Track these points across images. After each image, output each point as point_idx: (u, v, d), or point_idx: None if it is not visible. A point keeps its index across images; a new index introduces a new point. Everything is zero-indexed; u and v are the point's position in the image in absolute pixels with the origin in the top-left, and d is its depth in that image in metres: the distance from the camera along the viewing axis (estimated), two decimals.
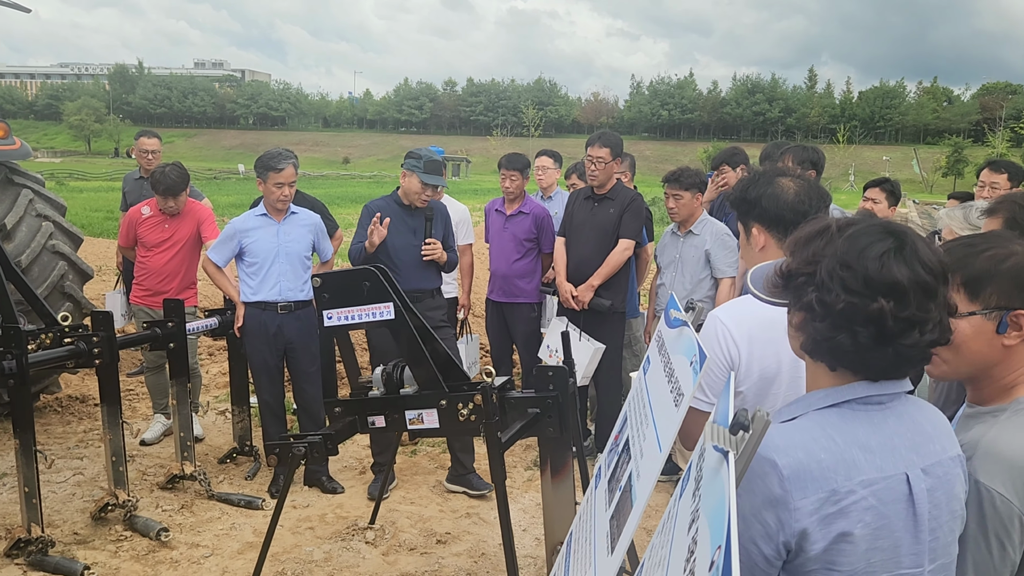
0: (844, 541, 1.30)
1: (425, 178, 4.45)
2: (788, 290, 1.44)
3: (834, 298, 1.33)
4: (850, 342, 1.33)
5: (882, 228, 1.38)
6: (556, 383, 3.27)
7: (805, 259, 1.41)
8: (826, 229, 1.42)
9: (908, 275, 1.31)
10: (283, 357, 4.72)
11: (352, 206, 29.07)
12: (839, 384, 1.41)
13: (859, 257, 1.33)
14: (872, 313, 1.30)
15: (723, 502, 0.89)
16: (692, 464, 1.33)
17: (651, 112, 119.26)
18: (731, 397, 1.23)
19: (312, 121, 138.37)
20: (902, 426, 1.40)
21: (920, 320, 1.32)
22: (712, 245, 4.55)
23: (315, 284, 3.52)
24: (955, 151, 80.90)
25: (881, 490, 1.33)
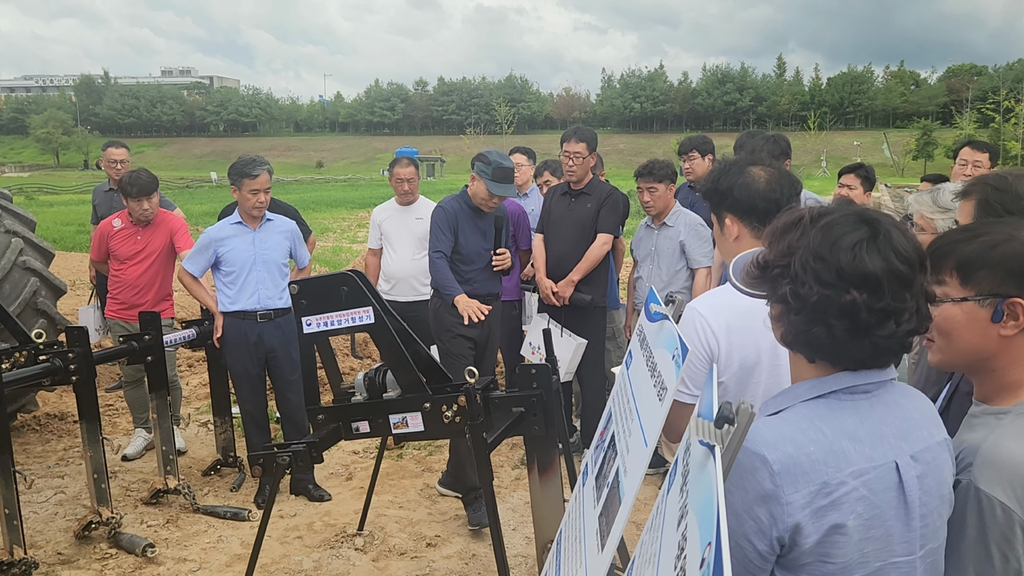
0: (837, 533, 1.30)
1: (492, 187, 4.31)
2: (765, 282, 1.43)
3: (807, 290, 1.32)
4: (826, 334, 1.33)
5: (856, 217, 1.37)
6: (540, 381, 3.26)
7: (780, 251, 1.40)
8: (800, 220, 1.41)
9: (882, 266, 1.30)
10: (264, 366, 4.68)
11: (328, 210, 28.97)
12: (822, 375, 1.40)
13: (832, 248, 1.32)
14: (845, 305, 1.30)
15: (711, 498, 0.89)
16: (678, 458, 1.33)
17: (623, 105, 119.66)
18: (714, 390, 1.23)
19: (283, 126, 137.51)
20: (889, 414, 1.39)
21: (896, 311, 1.31)
22: (687, 236, 4.57)
23: (293, 291, 3.49)
24: (924, 134, 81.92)
25: (872, 480, 1.33)
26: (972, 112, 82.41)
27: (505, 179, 4.31)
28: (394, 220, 5.67)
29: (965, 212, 2.27)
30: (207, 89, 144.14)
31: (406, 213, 5.63)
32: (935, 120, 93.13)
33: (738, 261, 1.66)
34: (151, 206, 4.99)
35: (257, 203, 4.49)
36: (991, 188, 2.21)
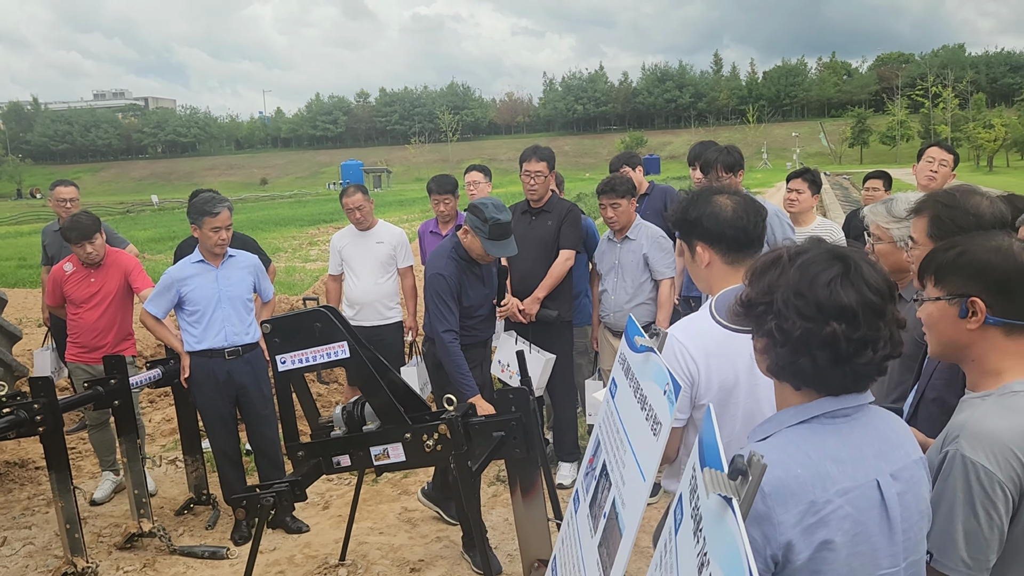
0: (827, 549, 1.38)
1: (490, 248, 4.03)
2: (749, 318, 1.53)
3: (791, 325, 1.43)
4: (810, 364, 1.43)
5: (829, 255, 1.49)
6: (518, 404, 3.32)
7: (762, 289, 1.50)
8: (779, 259, 1.52)
9: (856, 298, 1.42)
10: (235, 403, 4.64)
11: (277, 229, 28.57)
12: (805, 401, 1.50)
13: (810, 285, 1.44)
14: (827, 337, 1.41)
15: (737, 551, 0.94)
16: (683, 500, 1.39)
17: (566, 107, 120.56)
18: (717, 434, 1.29)
19: (224, 144, 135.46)
20: (868, 435, 1.49)
21: (872, 339, 1.42)
22: (649, 249, 4.66)
23: (265, 330, 3.49)
24: (859, 122, 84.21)
25: (856, 498, 1.42)
26: (903, 99, 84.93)
27: (503, 236, 4.02)
28: (354, 246, 5.66)
29: (919, 228, 2.38)
30: (142, 111, 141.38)
31: (366, 238, 5.63)
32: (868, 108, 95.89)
33: (721, 298, 1.75)
34: (95, 248, 4.88)
35: (219, 240, 4.46)
36: (941, 205, 2.33)
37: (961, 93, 78.80)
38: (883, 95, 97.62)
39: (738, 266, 2.23)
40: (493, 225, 3.98)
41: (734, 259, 2.24)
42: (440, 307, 4.07)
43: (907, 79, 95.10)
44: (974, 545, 1.61)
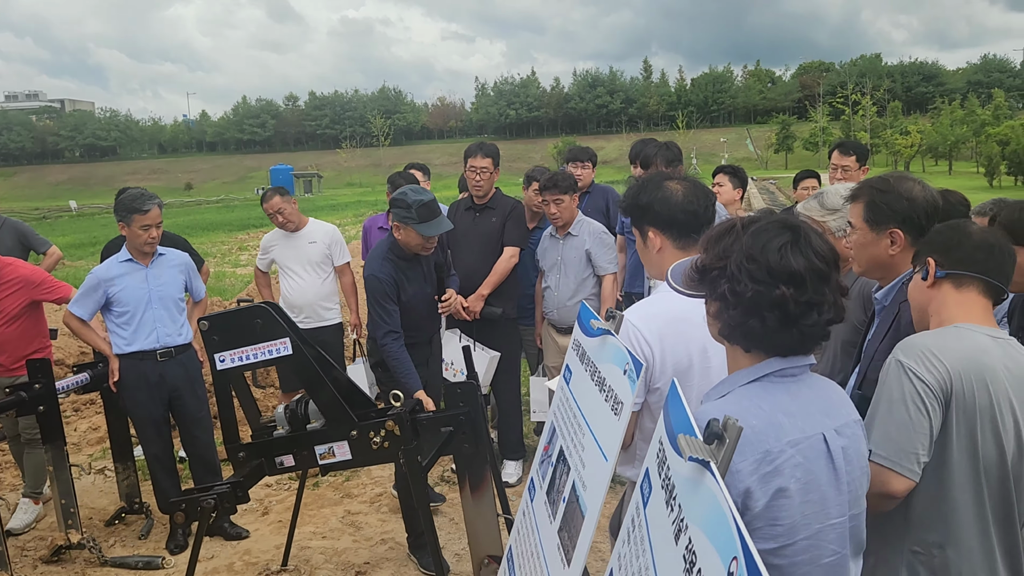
0: (782, 496, 1.46)
1: (424, 230, 3.85)
2: (704, 283, 1.62)
3: (743, 287, 1.52)
4: (759, 326, 1.52)
5: (781, 224, 1.58)
6: (467, 399, 3.29)
7: (716, 254, 1.59)
8: (733, 227, 1.61)
9: (804, 264, 1.51)
10: (168, 406, 4.48)
11: (204, 235, 27.82)
12: (756, 363, 1.60)
13: (762, 250, 1.53)
14: (776, 299, 1.50)
15: (721, 513, 0.94)
16: (650, 474, 1.38)
17: (498, 112, 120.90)
18: (685, 405, 1.29)
19: (146, 148, 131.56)
20: (813, 394, 1.60)
21: (817, 303, 1.52)
22: (592, 245, 4.68)
23: (203, 327, 3.37)
24: (783, 128, 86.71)
25: (805, 448, 1.50)
26: (824, 106, 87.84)
27: (432, 214, 3.88)
28: (285, 247, 5.51)
29: (856, 213, 2.46)
30: (59, 113, 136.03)
31: (296, 239, 5.49)
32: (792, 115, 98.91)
33: (676, 267, 1.82)
34: None
35: (149, 239, 4.29)
36: (876, 190, 2.42)
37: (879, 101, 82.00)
38: (806, 102, 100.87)
39: (689, 250, 2.25)
40: (419, 208, 3.83)
41: (685, 243, 2.27)
42: (379, 310, 3.95)
43: (828, 87, 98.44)
44: (905, 437, 1.85)
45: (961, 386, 1.84)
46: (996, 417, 1.85)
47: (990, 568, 1.88)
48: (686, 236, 2.28)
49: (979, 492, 1.87)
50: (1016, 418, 1.87)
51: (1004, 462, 1.87)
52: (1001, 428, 1.85)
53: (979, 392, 1.84)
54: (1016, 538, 1.93)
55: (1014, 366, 1.90)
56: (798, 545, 1.47)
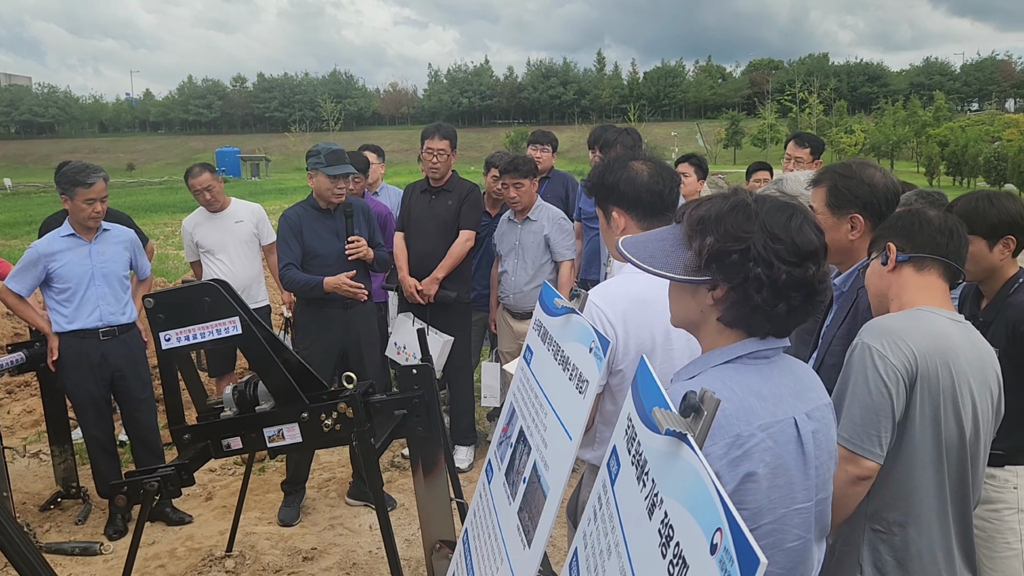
0: (750, 481, 1.41)
1: (331, 171, 4.19)
2: (720, 268, 1.45)
3: (776, 271, 1.42)
4: (786, 308, 1.45)
5: (782, 200, 1.51)
6: (421, 382, 3.22)
7: (729, 235, 1.44)
8: (740, 205, 1.47)
9: (817, 240, 1.47)
10: (110, 387, 4.32)
11: (147, 216, 27.11)
12: (731, 343, 1.52)
13: (785, 229, 1.44)
14: (806, 279, 1.44)
15: (702, 484, 0.91)
16: (618, 451, 1.36)
17: (451, 100, 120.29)
18: (656, 379, 1.27)
19: (87, 127, 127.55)
20: (785, 377, 1.54)
21: (824, 277, 1.48)
22: (550, 230, 4.66)
23: (148, 305, 3.24)
24: (732, 124, 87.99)
25: (776, 432, 1.46)
26: (773, 103, 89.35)
27: (340, 160, 4.24)
28: (209, 229, 5.37)
29: (818, 198, 2.48)
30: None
31: (221, 219, 5.36)
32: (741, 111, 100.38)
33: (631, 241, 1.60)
34: None
35: (93, 213, 4.13)
36: (838, 175, 2.45)
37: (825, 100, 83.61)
38: (755, 99, 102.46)
39: None
40: (328, 153, 4.23)
41: (649, 224, 2.24)
42: (281, 245, 4.29)
43: (776, 85, 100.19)
44: (869, 419, 1.86)
45: (926, 368, 1.86)
46: (958, 398, 1.88)
47: (946, 546, 1.91)
48: (651, 217, 2.25)
49: (940, 472, 1.90)
50: (974, 399, 1.90)
51: (963, 443, 1.90)
52: (962, 409, 1.88)
53: (942, 374, 1.86)
54: (969, 517, 1.97)
55: (972, 349, 1.93)
56: (762, 530, 1.44)
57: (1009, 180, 30.22)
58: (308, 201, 4.39)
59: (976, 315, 2.66)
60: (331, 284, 4.15)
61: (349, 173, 4.32)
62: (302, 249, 4.26)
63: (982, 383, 1.92)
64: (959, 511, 1.93)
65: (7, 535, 2.13)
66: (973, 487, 1.94)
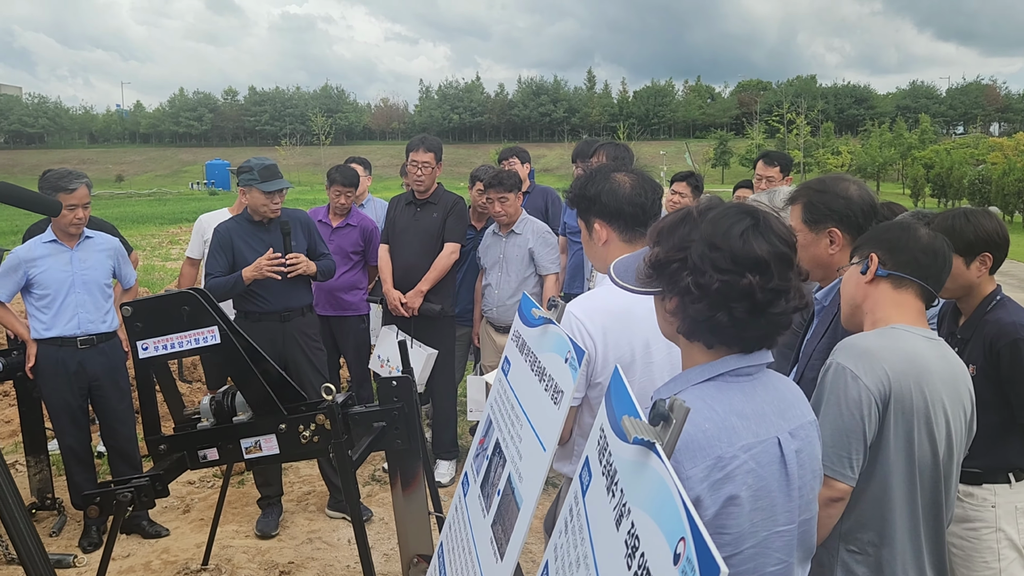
0: (732, 504, 1.38)
1: (265, 187, 4.17)
2: (661, 278, 1.50)
3: (708, 279, 1.41)
4: (727, 318, 1.42)
5: (738, 209, 1.49)
6: (400, 394, 3.20)
7: (673, 246, 1.48)
8: (688, 216, 1.50)
9: (768, 249, 1.42)
10: (87, 396, 4.27)
11: (134, 227, 27.01)
12: (712, 360, 1.50)
13: (724, 237, 1.43)
14: (743, 288, 1.40)
15: (668, 493, 0.90)
16: (590, 462, 1.34)
17: (442, 116, 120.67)
18: (629, 388, 1.25)
19: (76, 137, 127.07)
20: (768, 394, 1.51)
21: (784, 289, 1.43)
22: (535, 244, 4.65)
23: (126, 313, 3.21)
24: (720, 144, 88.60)
25: (759, 453, 1.42)
26: (761, 124, 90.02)
27: (274, 175, 4.22)
28: None
29: (795, 215, 2.49)
30: None
31: None
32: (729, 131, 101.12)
33: (620, 262, 1.71)
34: None
35: (75, 219, 4.09)
36: (813, 191, 2.46)
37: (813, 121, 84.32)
38: (743, 119, 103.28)
39: (635, 244, 2.22)
40: (261, 169, 4.20)
41: (631, 236, 2.24)
42: (209, 259, 4.29)
43: (764, 105, 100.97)
44: (841, 442, 1.84)
45: (900, 388, 1.84)
46: (931, 418, 1.87)
47: (918, 566, 1.90)
48: (632, 229, 2.25)
49: (913, 491, 1.89)
50: (947, 419, 1.90)
51: (937, 463, 1.89)
52: (935, 429, 1.87)
53: (916, 394, 1.85)
54: (942, 536, 1.96)
55: (946, 367, 1.93)
56: (744, 554, 1.40)
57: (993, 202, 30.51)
58: (242, 216, 4.37)
59: (954, 332, 2.66)
60: (249, 274, 4.12)
61: (283, 188, 4.28)
62: (232, 263, 4.23)
63: (956, 402, 1.91)
64: (932, 530, 1.92)
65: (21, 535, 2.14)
66: (946, 506, 1.94)
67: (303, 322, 4.35)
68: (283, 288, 4.24)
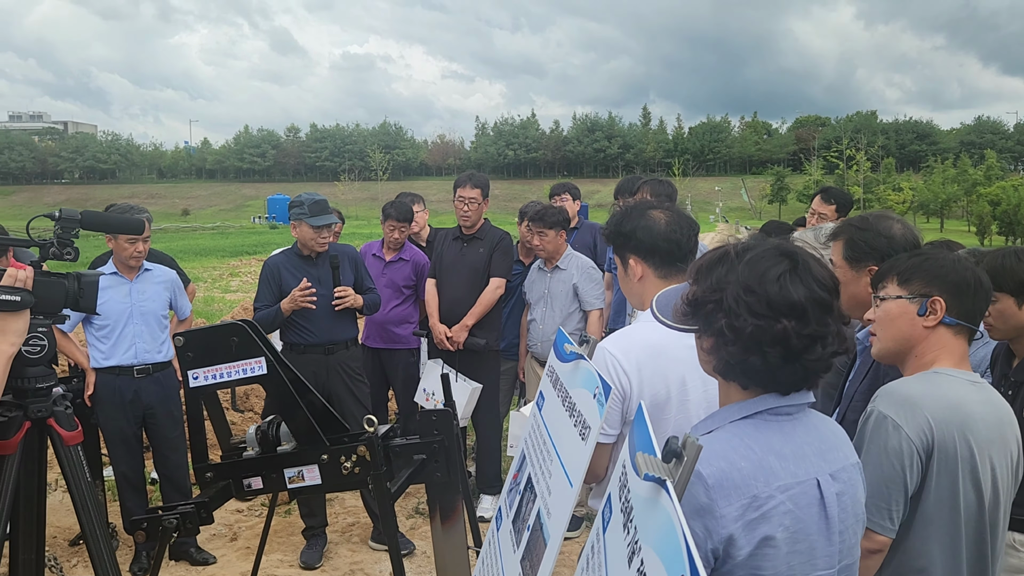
0: (768, 545, 1.35)
1: (314, 221, 4.30)
2: (697, 317, 1.49)
3: (743, 322, 1.40)
4: (761, 362, 1.40)
5: (777, 250, 1.47)
6: (441, 427, 3.22)
7: (710, 286, 1.47)
8: (726, 256, 1.49)
9: (805, 294, 1.40)
10: (142, 424, 4.40)
11: (196, 259, 27.83)
12: (749, 398, 1.48)
13: (760, 281, 1.41)
14: (778, 334, 1.38)
15: (673, 531, 0.89)
16: (612, 497, 1.34)
17: (497, 152, 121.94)
18: (649, 425, 1.25)
19: (146, 173, 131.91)
20: (809, 435, 1.48)
21: (821, 335, 1.40)
22: (579, 279, 4.67)
23: (178, 343, 3.30)
24: (778, 180, 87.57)
25: (797, 495, 1.39)
26: (819, 160, 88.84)
27: (322, 211, 4.35)
28: None
29: (837, 251, 2.47)
30: (61, 135, 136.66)
31: None
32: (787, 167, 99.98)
33: (662, 296, 1.71)
34: None
35: (135, 252, 4.26)
36: (855, 228, 2.43)
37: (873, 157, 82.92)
38: (801, 155, 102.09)
39: (671, 280, 2.22)
40: (311, 204, 4.33)
41: (667, 272, 2.24)
42: (258, 291, 4.47)
43: (823, 141, 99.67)
44: (880, 493, 1.78)
45: (943, 438, 1.78)
46: (976, 467, 1.80)
47: None
48: (668, 265, 2.25)
49: (957, 542, 1.82)
50: (993, 466, 1.83)
51: (982, 511, 1.82)
52: (981, 477, 1.81)
53: (960, 444, 1.79)
54: None
55: (992, 412, 1.87)
56: None
57: None
58: (292, 249, 4.52)
59: (1007, 375, 2.58)
60: (286, 306, 4.27)
61: (332, 223, 4.41)
62: (279, 296, 4.35)
63: (1002, 447, 1.85)
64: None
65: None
66: (992, 555, 1.86)
67: (347, 355, 4.44)
68: (328, 321, 4.35)
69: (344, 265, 4.45)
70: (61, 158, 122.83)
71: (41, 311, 2.06)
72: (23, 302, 1.84)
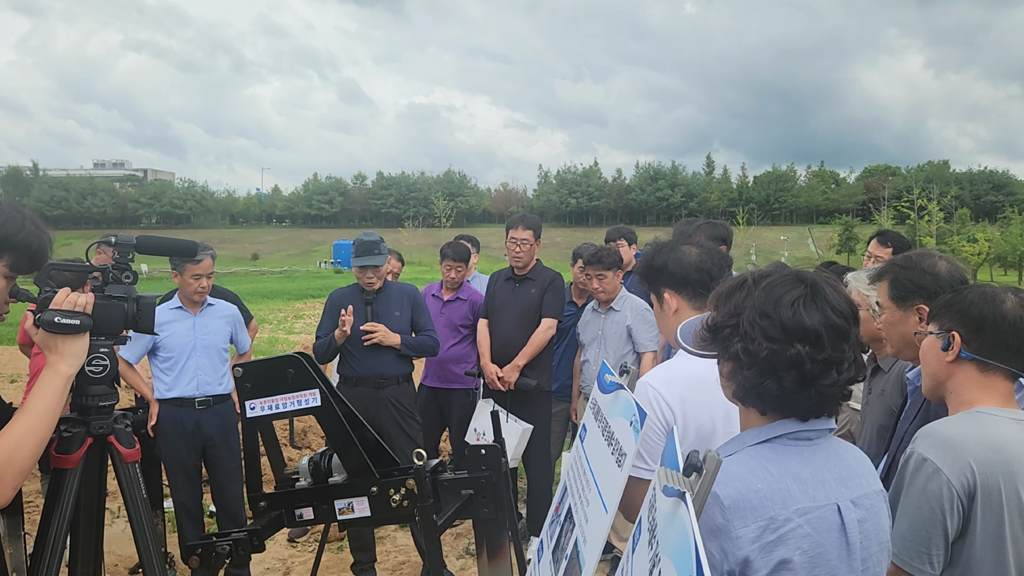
0: (785, 569, 1.34)
1: (356, 262, 4.54)
2: (716, 342, 1.53)
3: (757, 347, 1.42)
4: (776, 387, 1.42)
5: (794, 277, 1.49)
6: (489, 463, 3.24)
7: (728, 312, 1.51)
8: (743, 282, 1.53)
9: (820, 320, 1.42)
10: (201, 455, 4.53)
11: (263, 302, 28.56)
12: (768, 423, 1.49)
13: (775, 306, 1.44)
14: (792, 358, 1.40)
15: (687, 539, 0.91)
16: (643, 517, 1.35)
17: (559, 200, 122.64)
18: (677, 444, 1.26)
19: (219, 218, 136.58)
20: (829, 460, 1.48)
21: (836, 361, 1.42)
22: (633, 321, 4.67)
23: (236, 374, 3.42)
24: (846, 229, 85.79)
25: (815, 519, 1.39)
26: (889, 210, 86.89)
27: (366, 251, 4.53)
28: None
29: (882, 292, 2.44)
30: (141, 182, 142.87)
31: None
32: (855, 217, 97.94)
33: (686, 326, 1.75)
34: None
35: (199, 288, 4.44)
36: (899, 268, 2.41)
37: (946, 207, 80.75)
38: (870, 205, 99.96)
39: (705, 311, 2.22)
40: (359, 244, 4.55)
41: (700, 304, 2.24)
42: (322, 319, 4.72)
43: (893, 191, 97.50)
44: (920, 537, 1.74)
45: (987, 481, 1.73)
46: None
47: None
48: (701, 296, 2.26)
49: None
50: None
51: None
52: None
53: (1006, 486, 1.73)
54: None
55: None
56: None
57: None
58: (357, 284, 4.74)
59: None
60: (339, 335, 4.48)
61: (373, 265, 4.56)
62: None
63: None
64: None
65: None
66: None
67: (398, 391, 4.53)
68: (370, 356, 4.50)
69: (403, 303, 4.61)
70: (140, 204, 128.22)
71: (102, 332, 2.18)
72: (82, 325, 1.96)
